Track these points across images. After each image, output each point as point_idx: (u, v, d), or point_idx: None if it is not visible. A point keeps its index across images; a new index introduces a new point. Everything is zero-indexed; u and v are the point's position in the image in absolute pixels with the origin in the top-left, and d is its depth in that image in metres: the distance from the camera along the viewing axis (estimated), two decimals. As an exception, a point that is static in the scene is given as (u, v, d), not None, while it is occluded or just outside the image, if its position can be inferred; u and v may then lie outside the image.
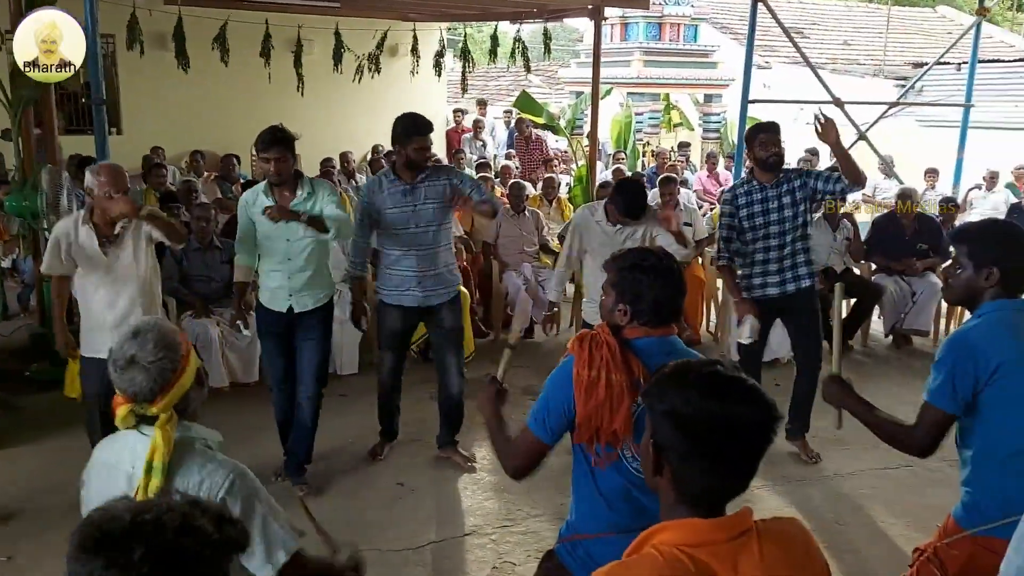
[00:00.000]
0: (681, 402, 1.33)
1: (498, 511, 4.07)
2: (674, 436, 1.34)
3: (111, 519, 1.09)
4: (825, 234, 6.78)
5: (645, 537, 1.35)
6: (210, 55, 9.30)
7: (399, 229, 4.23)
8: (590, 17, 8.64)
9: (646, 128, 13.22)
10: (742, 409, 1.32)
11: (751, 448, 1.34)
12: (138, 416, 1.84)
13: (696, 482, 1.35)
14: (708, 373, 1.36)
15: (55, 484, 4.18)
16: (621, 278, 2.18)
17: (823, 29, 19.18)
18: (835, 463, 4.60)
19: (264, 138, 3.96)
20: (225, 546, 1.12)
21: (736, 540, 1.32)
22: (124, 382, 1.81)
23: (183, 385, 1.85)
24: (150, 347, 1.81)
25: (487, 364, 6.18)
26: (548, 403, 2.17)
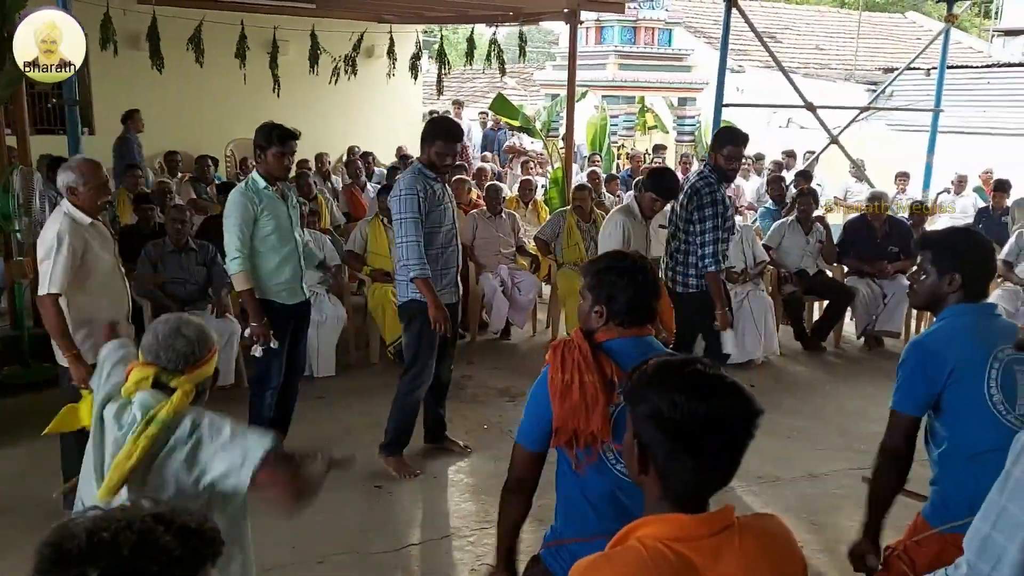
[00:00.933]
0: (667, 404, 1.35)
1: (476, 513, 4.08)
2: (659, 436, 1.37)
3: (68, 537, 1.07)
4: (798, 237, 6.87)
5: (628, 530, 1.38)
6: (184, 55, 9.22)
7: (441, 227, 4.23)
8: (566, 21, 8.69)
9: (621, 131, 13.31)
10: (726, 406, 1.35)
11: (735, 443, 1.37)
12: (156, 384, 2.01)
13: (682, 479, 1.37)
14: (690, 372, 1.38)
15: (29, 488, 4.14)
16: (597, 280, 2.21)
17: (796, 34, 19.41)
18: (807, 464, 4.67)
19: (279, 133, 4.00)
20: (191, 560, 1.09)
21: (718, 535, 1.35)
22: (163, 349, 2.01)
23: (207, 371, 2.10)
24: (193, 327, 2.08)
25: (463, 365, 6.20)
26: (529, 413, 2.22)
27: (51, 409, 4.54)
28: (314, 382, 5.79)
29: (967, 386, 2.21)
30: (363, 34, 10.64)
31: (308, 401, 5.37)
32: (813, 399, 5.66)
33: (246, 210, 4.05)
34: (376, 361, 6.27)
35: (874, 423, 5.22)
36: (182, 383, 2.01)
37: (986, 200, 9.37)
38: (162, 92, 9.60)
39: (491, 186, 7.30)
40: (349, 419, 5.21)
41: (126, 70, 9.38)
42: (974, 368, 2.20)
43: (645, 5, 12.81)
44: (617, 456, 2.13)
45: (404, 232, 4.08)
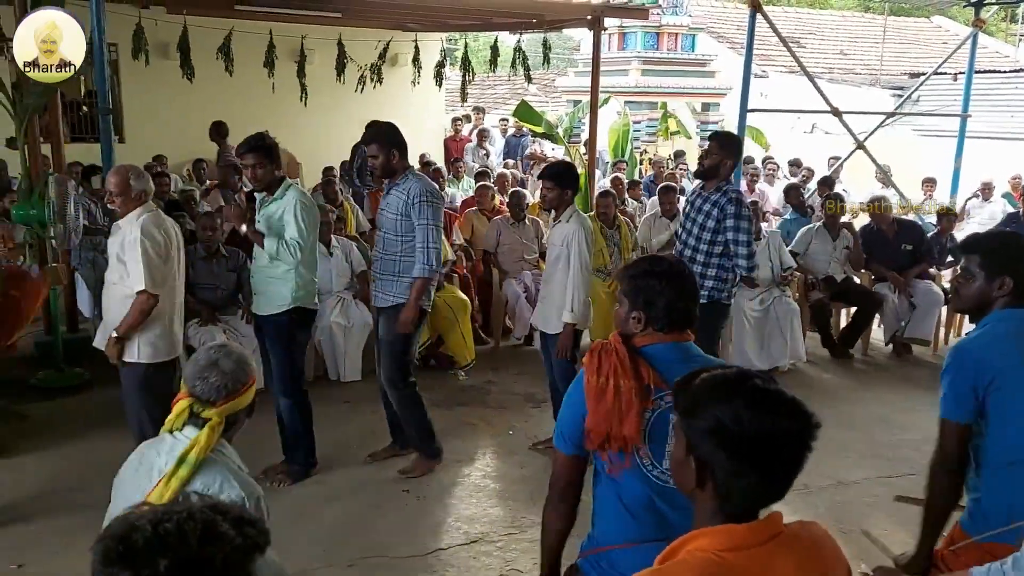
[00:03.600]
0: (730, 419, 1.34)
1: (503, 519, 4.09)
2: (721, 451, 1.36)
3: (132, 529, 1.08)
4: (825, 243, 6.84)
5: (679, 544, 1.38)
6: (214, 64, 9.33)
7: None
8: (589, 27, 8.70)
9: (643, 136, 13.29)
10: (789, 422, 1.35)
11: (796, 458, 1.37)
12: (191, 415, 2.04)
13: (742, 494, 1.38)
14: (751, 387, 1.38)
15: (62, 491, 4.21)
16: (634, 286, 2.19)
17: (820, 39, 19.30)
18: (837, 472, 4.64)
19: (240, 144, 4.12)
20: (247, 549, 1.11)
21: (768, 544, 1.35)
22: (199, 380, 2.04)
23: (241, 402, 2.09)
24: (233, 358, 2.10)
25: (487, 371, 6.22)
26: (566, 418, 2.21)
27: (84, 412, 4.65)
28: (341, 386, 5.84)
29: (1009, 393, 2.18)
30: (389, 42, 10.72)
31: (336, 405, 5.44)
32: (841, 406, 5.62)
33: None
34: (402, 367, 6.29)
35: (903, 431, 5.22)
36: (213, 415, 2.03)
37: (1015, 206, 9.27)
38: (191, 100, 9.72)
39: (515, 192, 7.32)
40: (374, 423, 5.23)
41: (156, 79, 9.51)
42: (1017, 374, 2.18)
43: (668, 11, 12.80)
44: (653, 461, 2.13)
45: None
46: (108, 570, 1.07)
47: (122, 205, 3.81)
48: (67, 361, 5.62)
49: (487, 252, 7.03)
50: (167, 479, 1.94)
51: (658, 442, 2.12)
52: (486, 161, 11.33)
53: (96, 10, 5.46)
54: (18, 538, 3.74)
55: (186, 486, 1.94)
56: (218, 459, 2.02)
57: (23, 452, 4.60)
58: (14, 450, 4.62)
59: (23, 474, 4.38)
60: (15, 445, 4.66)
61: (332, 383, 5.89)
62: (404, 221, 4.19)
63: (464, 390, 5.92)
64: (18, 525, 3.86)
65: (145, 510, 1.13)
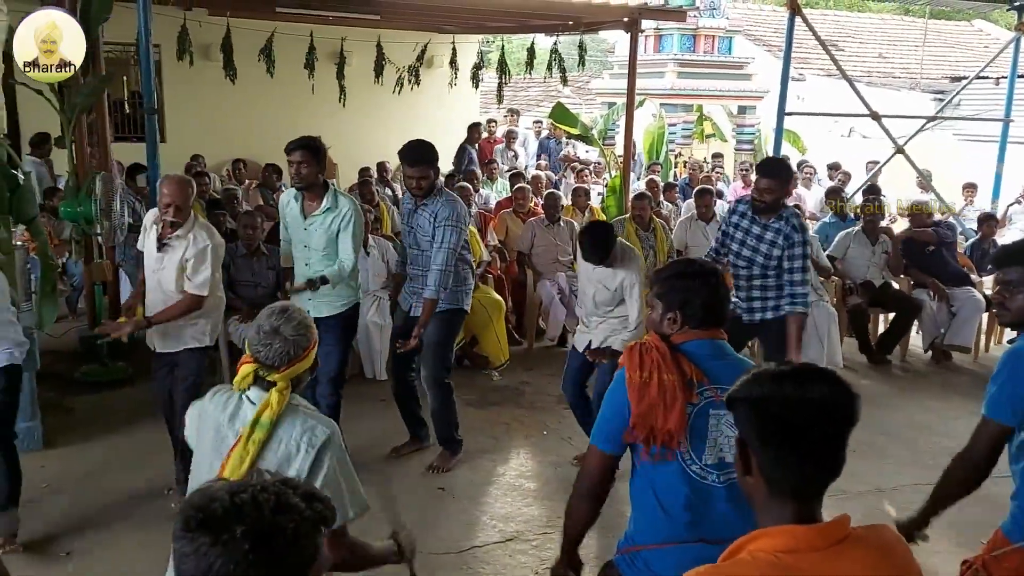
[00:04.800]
0: (762, 396, 1.37)
1: (539, 518, 4.11)
2: (758, 430, 1.38)
3: (211, 500, 1.16)
4: (864, 247, 6.78)
5: (741, 543, 1.37)
6: (256, 66, 9.48)
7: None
8: (626, 29, 8.69)
9: (678, 139, 13.24)
10: (819, 389, 1.35)
11: (834, 430, 1.36)
12: (256, 378, 2.11)
13: (784, 473, 1.37)
14: (784, 367, 1.41)
15: (107, 482, 4.32)
16: (669, 287, 2.26)
17: (858, 42, 19.08)
18: (875, 478, 4.60)
19: (291, 141, 4.18)
20: (316, 522, 1.19)
21: (834, 547, 1.33)
22: (263, 346, 2.10)
23: (304, 364, 2.15)
24: (294, 324, 2.12)
25: (520, 372, 6.25)
26: (607, 416, 2.24)
27: (128, 405, 4.74)
28: (376, 384, 5.89)
29: None
30: (427, 45, 10.80)
31: (371, 403, 5.49)
32: (879, 413, 5.56)
33: (280, 212, 4.47)
34: (436, 365, 6.33)
35: (943, 437, 5.16)
36: (278, 379, 2.09)
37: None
38: (232, 101, 9.87)
39: (550, 194, 7.35)
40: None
41: (198, 80, 9.68)
42: None
43: (705, 13, 12.74)
44: (693, 456, 2.15)
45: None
46: (188, 535, 1.14)
47: (184, 215, 3.91)
48: (110, 356, 5.74)
49: (521, 253, 7.06)
50: (244, 442, 2.02)
51: (698, 437, 2.15)
52: (515, 163, 11.36)
53: (143, 12, 5.59)
54: (66, 526, 3.84)
55: (266, 446, 2.04)
56: (290, 412, 2.10)
57: (69, 443, 4.72)
58: (61, 441, 4.73)
59: (70, 464, 4.49)
60: (62, 437, 4.77)
61: (367, 381, 5.95)
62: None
63: (498, 390, 5.95)
64: (66, 514, 3.96)
65: (221, 484, 1.21)
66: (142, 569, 3.42)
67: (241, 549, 1.11)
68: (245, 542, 1.11)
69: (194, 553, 1.12)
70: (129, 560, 3.59)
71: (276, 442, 2.06)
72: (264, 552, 1.12)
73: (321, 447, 2.07)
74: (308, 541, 1.17)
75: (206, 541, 1.12)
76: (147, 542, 3.66)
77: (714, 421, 2.16)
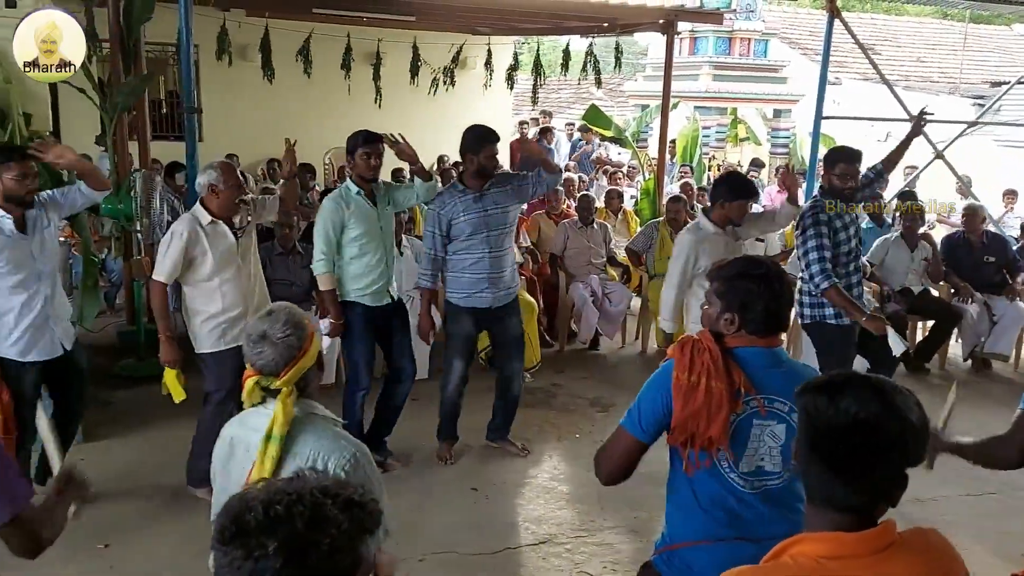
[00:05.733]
0: (811, 403, 1.36)
1: (572, 521, 4.09)
2: (801, 433, 1.39)
3: (246, 510, 1.13)
4: (902, 253, 6.67)
5: (784, 546, 1.35)
6: (293, 66, 9.56)
7: (473, 235, 4.35)
8: (662, 32, 8.65)
9: (712, 142, 13.16)
10: (851, 406, 1.31)
11: (872, 455, 1.32)
12: (263, 389, 2.00)
13: (817, 481, 1.37)
14: (845, 376, 1.38)
15: (144, 475, 4.37)
16: (729, 287, 2.15)
17: (895, 46, 18.84)
18: (914, 488, 4.49)
19: (365, 134, 4.24)
20: (355, 533, 1.15)
21: (880, 553, 1.31)
22: (254, 355, 2.00)
23: (305, 364, 2.03)
24: (279, 325, 2.00)
25: (551, 374, 6.23)
26: (643, 403, 2.17)
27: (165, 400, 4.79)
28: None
29: None
30: (462, 46, 10.83)
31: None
32: (916, 421, 5.46)
33: (334, 214, 4.27)
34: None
35: (985, 448, 5.04)
36: (282, 385, 1.99)
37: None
38: (268, 101, 9.96)
39: (584, 196, 7.32)
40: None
41: (235, 80, 9.79)
42: None
43: (741, 16, 12.65)
44: (732, 465, 2.12)
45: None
46: (222, 547, 1.12)
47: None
48: (148, 351, 5.80)
49: (553, 255, 7.04)
50: (260, 459, 1.93)
51: (739, 446, 2.11)
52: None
53: (184, 13, 5.65)
54: (104, 518, 3.87)
55: (282, 462, 1.93)
56: (313, 422, 2.00)
57: (108, 436, 4.78)
58: (100, 435, 4.79)
59: (109, 457, 4.55)
60: (101, 430, 4.84)
61: (400, 380, 5.96)
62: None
63: (529, 392, 5.91)
64: (104, 506, 4.00)
65: (260, 488, 1.18)
66: (182, 563, 3.46)
67: (273, 567, 1.09)
68: (278, 559, 1.09)
69: (228, 566, 1.11)
70: (168, 554, 3.63)
71: (292, 458, 1.95)
72: (297, 568, 1.09)
73: (348, 469, 1.93)
74: (345, 554, 1.14)
75: (239, 555, 1.10)
76: (186, 536, 3.70)
77: (756, 432, 2.11)
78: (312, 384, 2.09)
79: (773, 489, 2.13)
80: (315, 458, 1.93)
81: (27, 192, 3.63)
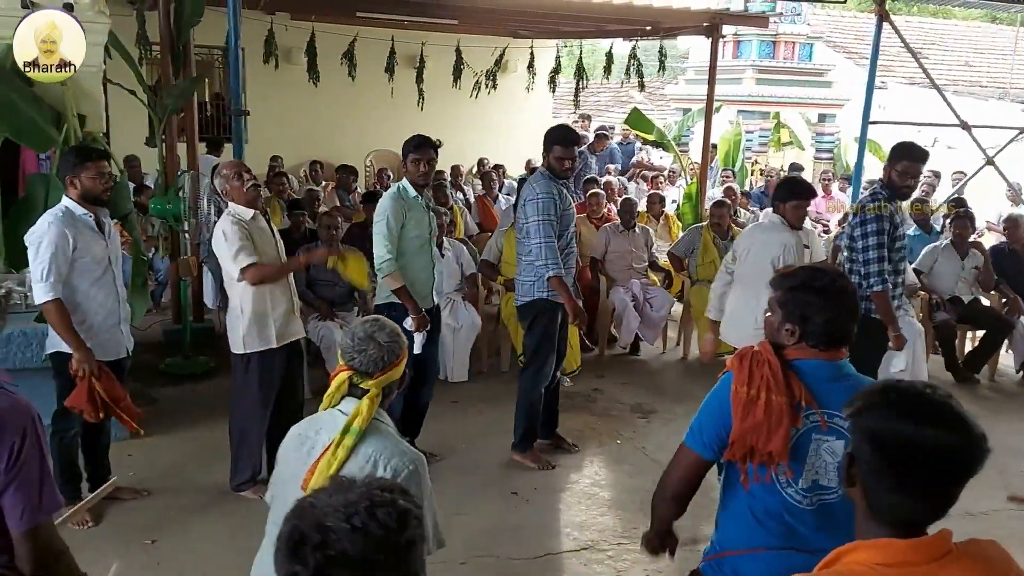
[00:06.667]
0: (880, 421, 1.34)
1: (614, 527, 4.06)
2: (867, 452, 1.35)
3: (311, 527, 1.15)
4: (952, 261, 6.53)
5: (839, 554, 1.35)
6: (338, 70, 9.66)
7: (565, 230, 4.42)
8: (706, 35, 8.58)
9: (755, 146, 13.01)
10: (938, 434, 1.30)
11: (943, 473, 1.32)
12: (351, 386, 2.12)
13: (883, 499, 1.35)
14: (914, 394, 1.35)
15: (191, 471, 4.43)
16: (791, 297, 2.11)
17: (943, 50, 18.48)
18: (965, 502, 4.38)
19: (416, 140, 4.23)
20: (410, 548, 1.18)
21: (936, 562, 1.30)
22: (357, 352, 2.12)
23: (394, 374, 2.16)
24: (387, 331, 2.16)
25: (591, 378, 6.20)
26: (704, 418, 2.16)
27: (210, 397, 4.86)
28: (448, 386, 5.92)
29: None
30: (505, 49, 10.85)
31: (442, 405, 5.51)
32: (966, 433, 5.34)
33: (397, 214, 4.26)
34: (507, 369, 6.32)
35: (1040, 462, 4.93)
36: (371, 387, 2.11)
37: None
38: (312, 103, 10.06)
39: (626, 200, 7.28)
40: (481, 423, 5.30)
41: (279, 82, 9.90)
42: None
43: (786, 19, 12.49)
44: (789, 480, 2.08)
45: (542, 233, 4.29)
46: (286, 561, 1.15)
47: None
48: (193, 349, 5.90)
49: (594, 259, 7.01)
50: (334, 448, 2.02)
51: (798, 461, 2.07)
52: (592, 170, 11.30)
53: (233, 17, 5.73)
54: (151, 515, 3.94)
55: (351, 454, 2.02)
56: (379, 428, 2.09)
57: (154, 434, 4.83)
58: (146, 431, 4.83)
59: (155, 454, 4.62)
60: (147, 427, 4.87)
61: (439, 382, 5.96)
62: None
63: (569, 396, 5.89)
64: (151, 502, 4.07)
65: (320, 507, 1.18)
66: (228, 560, 3.49)
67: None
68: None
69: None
70: (214, 551, 3.67)
71: (354, 456, 2.03)
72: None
73: (406, 476, 2.01)
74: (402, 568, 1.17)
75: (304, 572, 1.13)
76: (233, 533, 3.74)
77: (815, 447, 2.07)
78: (391, 396, 2.20)
79: (829, 503, 2.09)
80: (376, 458, 2.02)
81: (103, 191, 3.72)
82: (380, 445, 2.05)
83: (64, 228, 3.57)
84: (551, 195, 4.30)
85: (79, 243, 3.61)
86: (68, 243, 3.57)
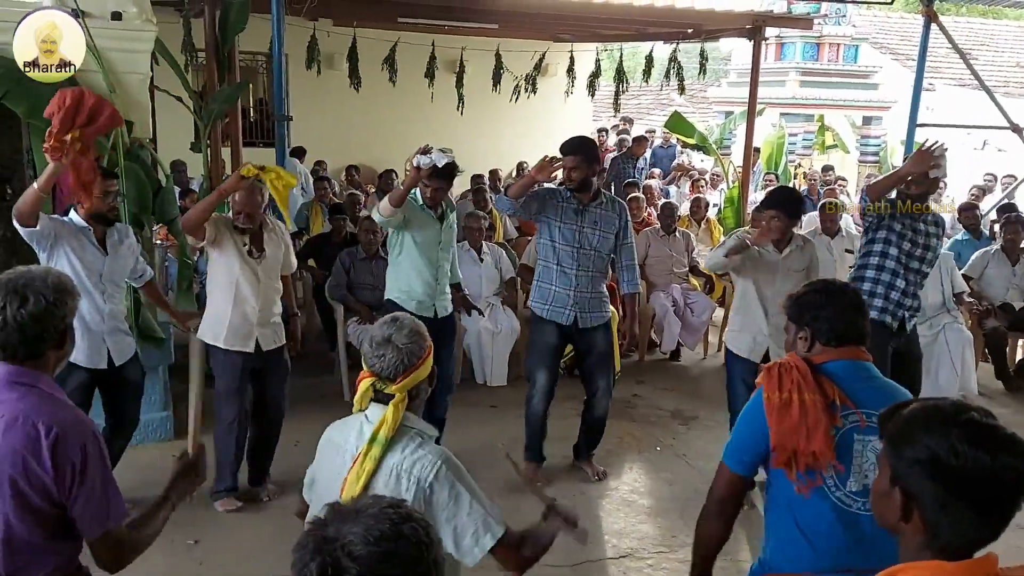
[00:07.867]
0: (946, 452, 1.30)
1: (653, 536, 4.03)
2: (933, 485, 1.32)
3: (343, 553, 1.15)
4: (1003, 268, 6.37)
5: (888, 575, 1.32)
6: (379, 75, 9.74)
7: (565, 245, 4.31)
8: (749, 37, 8.49)
9: (798, 149, 12.84)
10: (1009, 459, 1.29)
11: (1012, 498, 1.31)
12: (376, 392, 2.04)
13: (956, 530, 1.32)
14: (968, 420, 1.32)
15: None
16: (796, 304, 2.24)
17: (993, 51, 18.05)
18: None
19: (432, 169, 4.17)
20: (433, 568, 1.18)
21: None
22: (376, 357, 2.03)
23: (420, 375, 2.06)
24: (405, 332, 2.03)
25: (631, 384, 6.15)
26: (740, 435, 2.18)
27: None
28: (488, 391, 5.92)
29: None
30: (545, 53, 10.84)
31: (481, 408, 5.53)
32: (1018, 445, 5.20)
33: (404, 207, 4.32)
34: (546, 374, 6.29)
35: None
36: (396, 391, 2.02)
37: None
38: (353, 108, 10.16)
39: (666, 204, 7.22)
40: (519, 429, 5.26)
41: (321, 87, 10.01)
42: None
43: (831, 21, 12.31)
44: (837, 482, 2.06)
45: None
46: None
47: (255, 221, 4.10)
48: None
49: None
50: (361, 459, 1.97)
51: (845, 461, 2.05)
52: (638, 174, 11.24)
53: (277, 24, 5.81)
54: (194, 515, 3.97)
55: (380, 463, 1.97)
56: (404, 434, 2.02)
57: (198, 434, 4.91)
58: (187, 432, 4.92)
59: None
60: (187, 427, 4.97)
61: (478, 387, 5.99)
62: (613, 240, 4.38)
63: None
64: (194, 502, 4.10)
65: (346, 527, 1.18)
66: (271, 561, 3.51)
67: None
68: None
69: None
70: (257, 552, 3.70)
71: (381, 469, 1.99)
72: None
73: (432, 480, 1.97)
74: None
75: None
76: (276, 534, 3.76)
77: (859, 447, 2.06)
78: (421, 397, 2.11)
79: None
80: (399, 471, 1.97)
81: (108, 209, 3.77)
82: (400, 455, 1.98)
83: (59, 222, 3.67)
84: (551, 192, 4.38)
85: (69, 243, 3.65)
86: (59, 224, 3.64)
